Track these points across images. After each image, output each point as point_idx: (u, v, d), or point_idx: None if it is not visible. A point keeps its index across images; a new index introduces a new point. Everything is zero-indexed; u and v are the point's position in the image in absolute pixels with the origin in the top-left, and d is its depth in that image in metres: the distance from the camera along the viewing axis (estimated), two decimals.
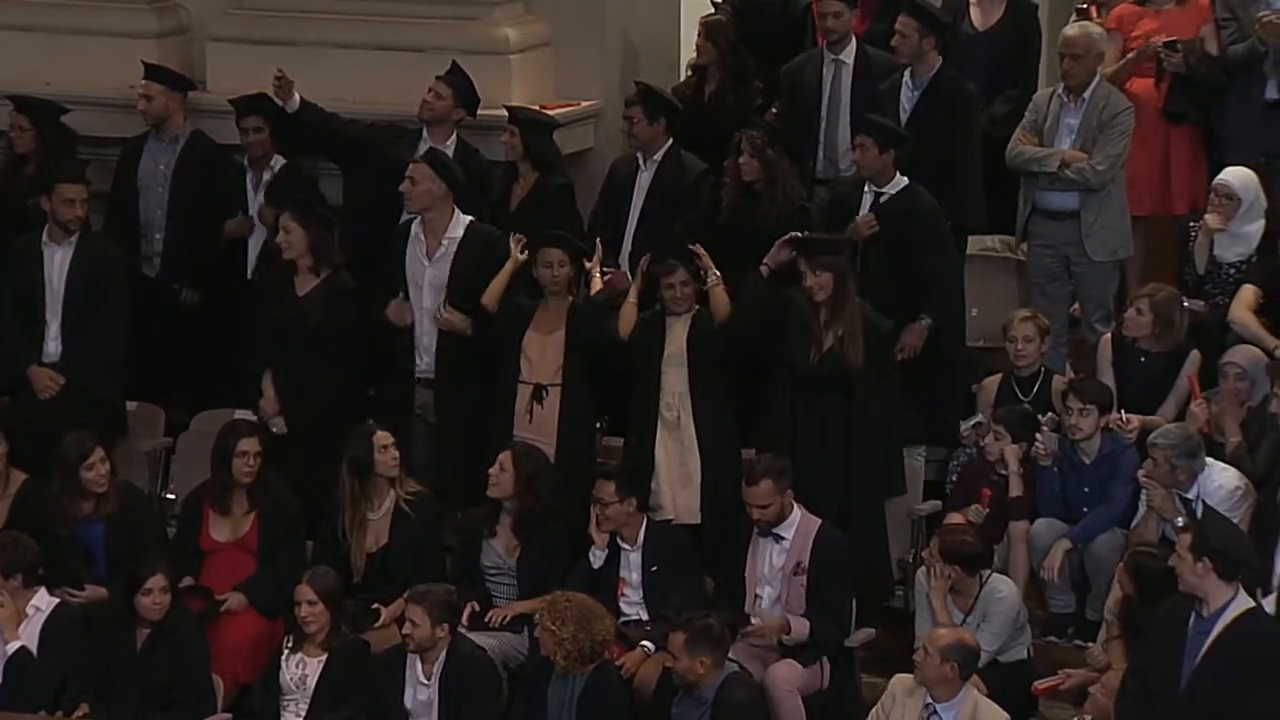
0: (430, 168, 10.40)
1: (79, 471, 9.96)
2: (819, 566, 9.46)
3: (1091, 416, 9.96)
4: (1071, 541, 9.87)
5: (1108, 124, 10.92)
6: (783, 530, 9.52)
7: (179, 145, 11.37)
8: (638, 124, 10.85)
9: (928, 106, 10.87)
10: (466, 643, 9.34)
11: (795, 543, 9.49)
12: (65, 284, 10.67)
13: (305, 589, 9.44)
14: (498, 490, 9.81)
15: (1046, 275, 11.10)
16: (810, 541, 9.48)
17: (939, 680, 8.79)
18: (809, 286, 9.86)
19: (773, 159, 10.54)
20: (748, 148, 10.53)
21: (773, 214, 10.50)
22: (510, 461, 9.79)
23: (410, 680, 9.26)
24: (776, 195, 10.53)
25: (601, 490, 9.65)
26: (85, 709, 9.40)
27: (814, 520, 9.55)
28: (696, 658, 8.92)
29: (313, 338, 10.45)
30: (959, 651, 8.81)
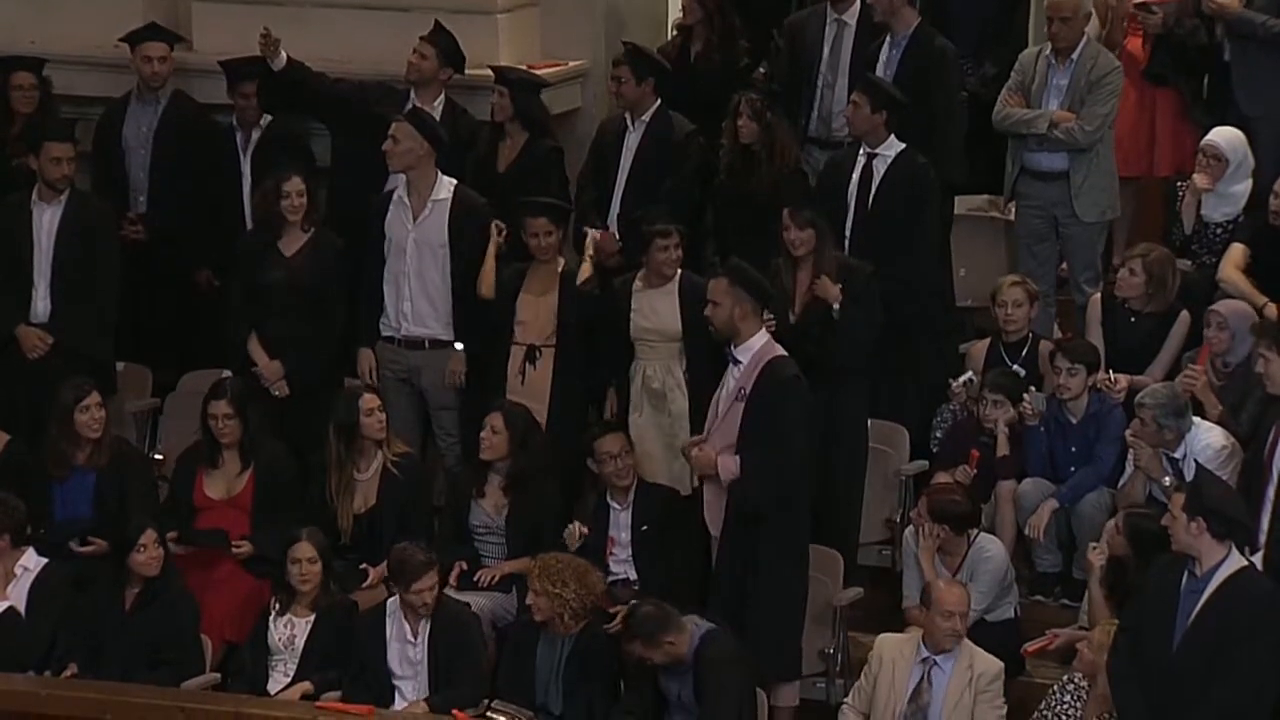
0: (413, 126, 10.37)
1: (74, 414, 9.93)
2: (759, 398, 9.22)
3: (1079, 376, 9.99)
4: (1059, 501, 9.90)
5: (1096, 84, 10.93)
6: (740, 353, 9.34)
7: (161, 106, 11.34)
8: (625, 84, 10.83)
9: (906, 64, 10.86)
10: (454, 602, 9.35)
11: (747, 368, 9.30)
12: (54, 243, 10.62)
13: (306, 546, 9.44)
14: (491, 452, 9.81)
15: (1034, 236, 11.11)
16: (757, 370, 9.26)
17: (952, 636, 8.85)
18: (790, 241, 9.84)
19: (771, 122, 10.55)
20: (746, 110, 10.53)
21: (770, 177, 10.49)
22: (501, 423, 9.79)
23: (397, 638, 9.26)
24: (774, 158, 10.53)
25: (612, 444, 9.60)
26: (74, 669, 9.40)
27: (774, 350, 9.33)
28: (663, 642, 8.93)
29: (303, 297, 10.43)
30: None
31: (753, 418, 9.21)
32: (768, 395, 9.22)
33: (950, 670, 8.86)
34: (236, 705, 9.09)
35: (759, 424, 9.20)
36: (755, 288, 9.34)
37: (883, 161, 10.45)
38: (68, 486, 10.01)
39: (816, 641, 9.64)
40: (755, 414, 9.21)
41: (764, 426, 9.21)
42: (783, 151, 10.60)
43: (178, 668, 9.39)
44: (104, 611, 9.49)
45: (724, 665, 8.93)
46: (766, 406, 9.21)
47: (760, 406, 9.22)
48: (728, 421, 9.28)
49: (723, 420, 9.31)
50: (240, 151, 11.20)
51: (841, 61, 11.08)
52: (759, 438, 9.22)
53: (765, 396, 9.22)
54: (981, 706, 8.82)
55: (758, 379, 9.24)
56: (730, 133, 10.63)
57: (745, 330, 9.31)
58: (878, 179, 10.42)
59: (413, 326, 10.45)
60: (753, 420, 9.21)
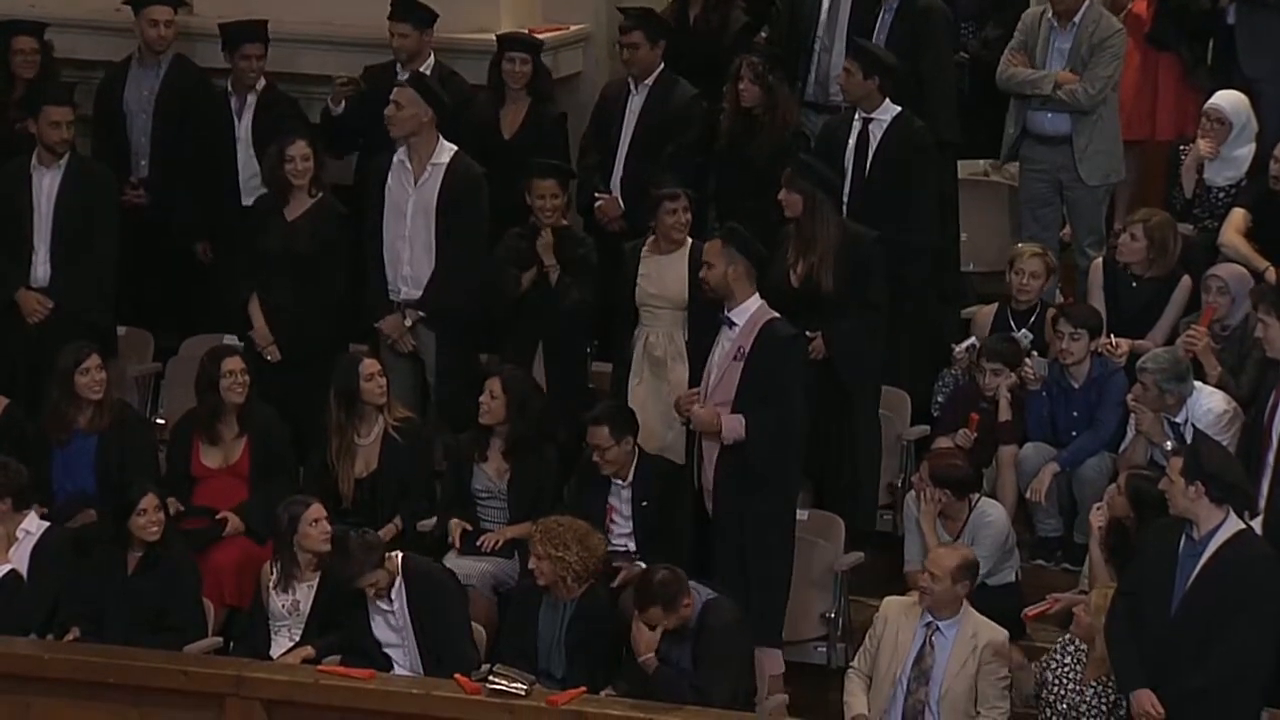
0: (415, 92, 10.35)
1: (74, 378, 9.93)
2: (758, 358, 9.20)
3: (1081, 341, 9.98)
4: (1060, 465, 9.91)
5: (1098, 47, 10.90)
6: (735, 315, 9.34)
7: (162, 70, 11.32)
8: (640, 49, 10.80)
9: (897, 28, 10.84)
10: (417, 559, 9.30)
11: (744, 329, 9.30)
12: (54, 208, 10.62)
13: (319, 508, 9.44)
14: (490, 417, 9.80)
15: (1038, 200, 11.09)
16: (755, 331, 9.26)
17: (950, 601, 8.85)
18: (780, 201, 9.82)
19: (774, 85, 10.52)
20: (749, 74, 10.51)
21: (770, 140, 10.47)
22: (499, 387, 9.79)
23: (374, 609, 9.24)
24: (776, 121, 10.51)
25: (596, 436, 9.59)
26: (76, 633, 9.41)
27: (769, 314, 9.32)
28: (680, 607, 8.92)
29: (302, 263, 10.42)
30: (967, 570, 8.90)
31: (751, 378, 9.20)
32: (767, 355, 9.21)
33: (953, 637, 8.86)
34: (238, 669, 9.12)
35: (758, 384, 9.19)
36: (749, 249, 9.32)
37: (879, 126, 10.43)
38: (69, 451, 10.01)
39: (818, 606, 9.65)
40: (754, 374, 9.21)
41: (764, 387, 9.19)
42: (784, 115, 10.58)
43: (180, 632, 9.40)
44: (106, 576, 9.49)
45: (725, 633, 8.93)
46: (766, 367, 9.20)
47: (759, 367, 9.21)
48: (725, 382, 9.28)
49: (720, 381, 9.30)
50: (235, 116, 11.18)
51: (839, 25, 11.04)
52: (759, 398, 9.20)
53: (765, 357, 9.21)
54: (985, 677, 8.82)
55: (756, 339, 9.24)
56: (731, 96, 10.60)
57: (740, 292, 9.30)
58: (874, 144, 10.40)
59: (412, 290, 10.45)
60: (751, 380, 9.20)
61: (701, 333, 9.80)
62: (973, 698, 8.83)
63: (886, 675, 8.91)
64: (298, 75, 11.45)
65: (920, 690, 8.84)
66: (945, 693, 8.81)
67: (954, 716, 8.82)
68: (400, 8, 10.91)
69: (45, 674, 9.18)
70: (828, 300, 9.77)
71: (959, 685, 8.83)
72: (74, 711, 9.15)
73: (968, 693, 8.82)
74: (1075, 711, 8.72)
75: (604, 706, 8.87)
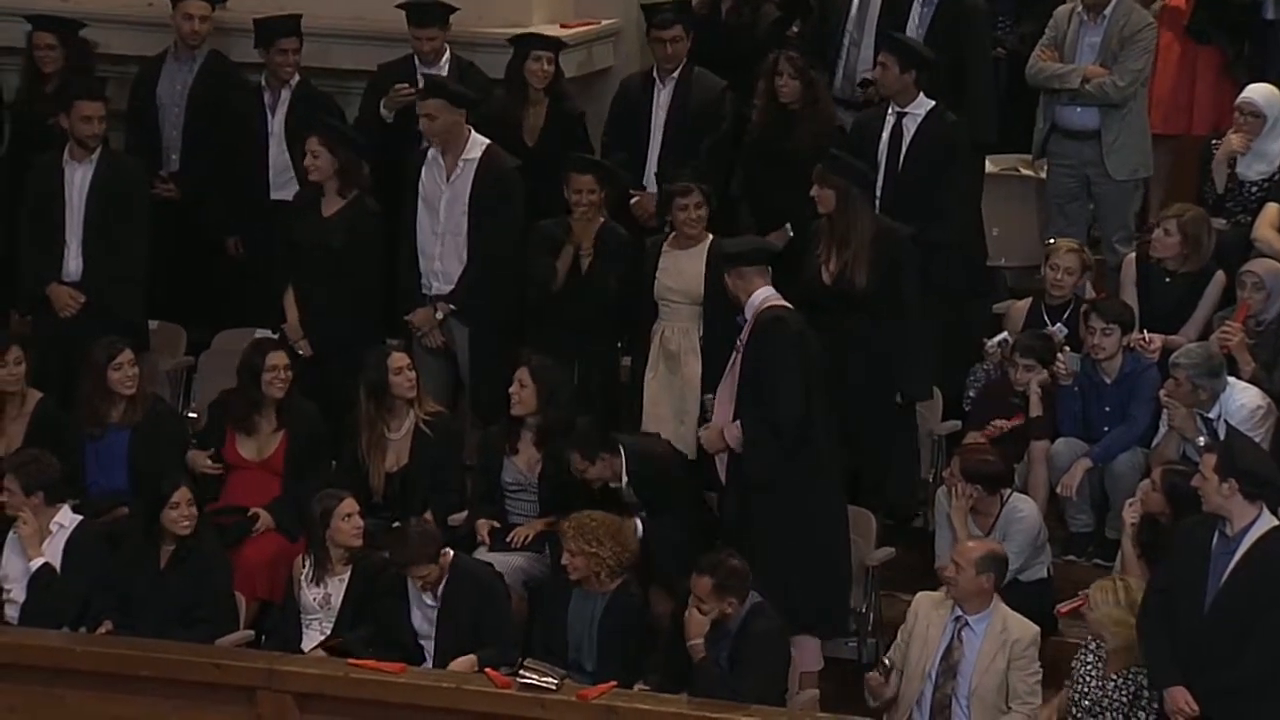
0: (444, 99, 10.34)
1: (107, 372, 9.96)
2: (752, 348, 9.19)
3: (1113, 336, 9.96)
4: (1092, 461, 9.89)
5: (1129, 40, 10.88)
6: (747, 310, 9.29)
7: (196, 65, 11.34)
8: (681, 43, 10.78)
9: (938, 22, 10.81)
10: (467, 559, 9.34)
11: (748, 323, 9.27)
12: (85, 202, 10.64)
13: (352, 502, 9.45)
14: (521, 408, 9.81)
15: (1066, 195, 11.08)
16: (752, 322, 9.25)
17: (975, 593, 8.83)
18: (813, 197, 9.82)
19: (814, 80, 10.51)
20: (788, 69, 10.49)
21: (809, 134, 10.45)
22: (529, 377, 9.79)
23: (415, 600, 9.27)
24: (817, 115, 10.49)
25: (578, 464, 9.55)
26: (109, 626, 9.45)
27: (771, 302, 9.28)
28: (725, 599, 8.91)
29: (335, 259, 10.44)
30: (992, 562, 8.87)
31: (749, 366, 9.21)
32: (759, 342, 9.23)
33: (982, 632, 8.85)
34: (270, 663, 9.13)
35: (756, 371, 9.20)
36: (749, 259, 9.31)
37: (912, 120, 10.41)
38: (102, 445, 10.04)
39: (849, 601, 9.63)
40: (751, 362, 9.21)
41: (758, 376, 9.20)
42: (825, 110, 10.57)
43: (211, 625, 9.42)
44: (138, 569, 9.52)
45: (767, 639, 8.92)
46: (760, 354, 9.22)
47: (754, 356, 9.23)
48: (731, 376, 9.30)
49: (728, 376, 9.33)
50: (269, 111, 11.20)
51: (869, 20, 11.03)
52: (753, 392, 9.19)
53: (757, 343, 9.23)
54: (1015, 673, 8.80)
55: (751, 329, 9.27)
56: (767, 91, 10.58)
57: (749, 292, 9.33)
58: (908, 138, 10.38)
59: (444, 285, 10.46)
60: (749, 368, 9.21)
61: (716, 329, 9.81)
62: (1003, 693, 8.81)
63: (916, 669, 8.90)
64: (332, 70, 11.45)
65: (948, 684, 8.83)
66: (975, 688, 8.79)
67: (984, 711, 8.81)
68: (426, 14, 10.89)
69: (78, 666, 9.21)
70: (861, 297, 9.76)
71: (989, 681, 8.81)
72: (106, 704, 9.17)
73: (998, 688, 8.81)
74: (1099, 706, 8.71)
75: (635, 701, 8.87)
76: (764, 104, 10.63)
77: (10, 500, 9.60)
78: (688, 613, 8.90)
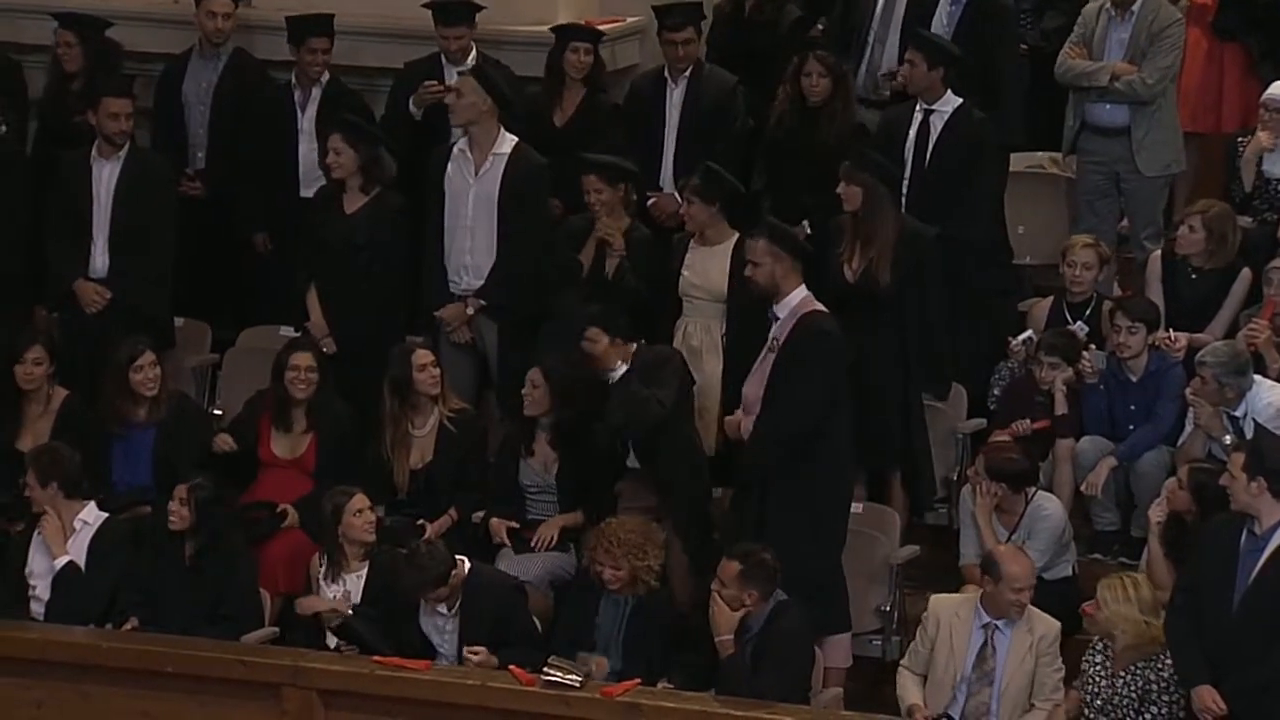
0: (476, 81, 10.37)
1: (128, 374, 9.99)
2: (790, 350, 9.16)
3: (1139, 334, 9.94)
4: (1117, 459, 9.86)
5: (1157, 37, 10.85)
6: (780, 309, 9.29)
7: (221, 63, 11.36)
8: (693, 45, 10.79)
9: (965, 20, 10.79)
10: (483, 571, 9.27)
11: (784, 321, 9.26)
12: (112, 199, 10.67)
13: (362, 498, 9.46)
14: (534, 408, 9.79)
15: (1095, 192, 11.04)
16: (793, 322, 9.22)
17: (1018, 608, 8.82)
18: (839, 195, 9.80)
19: (844, 77, 10.50)
20: (818, 67, 10.47)
21: (834, 132, 10.43)
22: (540, 377, 9.78)
23: (424, 608, 9.23)
24: (846, 113, 10.47)
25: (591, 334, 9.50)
26: (134, 622, 9.47)
27: (811, 306, 9.26)
28: (746, 589, 8.89)
29: (359, 256, 10.46)
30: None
31: (782, 369, 9.18)
32: (799, 347, 9.19)
33: (1011, 635, 8.83)
34: (295, 659, 9.15)
35: (786, 375, 9.17)
36: (793, 245, 9.31)
37: (939, 118, 10.40)
38: (128, 442, 10.06)
39: (873, 599, 9.63)
40: (784, 365, 9.19)
41: (790, 378, 9.17)
42: (849, 107, 10.56)
43: (238, 622, 9.43)
44: (164, 566, 9.53)
45: (791, 638, 8.90)
46: (795, 359, 9.19)
47: (790, 358, 9.19)
48: (760, 371, 9.27)
49: (756, 370, 9.30)
50: (299, 109, 11.22)
51: (894, 18, 11.02)
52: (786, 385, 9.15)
53: (796, 349, 9.20)
54: (1042, 669, 8.79)
55: (791, 331, 9.23)
56: (792, 89, 10.57)
57: (786, 287, 9.27)
58: (935, 135, 10.36)
59: (473, 280, 10.46)
60: (782, 371, 9.18)
61: (739, 327, 9.79)
62: (1029, 690, 8.80)
63: (945, 677, 8.87)
64: (360, 68, 11.47)
65: (983, 691, 8.82)
66: (1005, 688, 8.78)
67: (1012, 710, 8.80)
68: (453, 13, 10.90)
69: (103, 663, 9.23)
70: (884, 295, 9.74)
71: (1018, 680, 8.81)
72: (132, 700, 9.20)
73: (1026, 687, 8.80)
74: (1110, 705, 8.70)
75: (659, 698, 8.87)
76: (788, 101, 10.61)
77: (30, 494, 9.63)
78: (711, 604, 8.89)
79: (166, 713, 9.17)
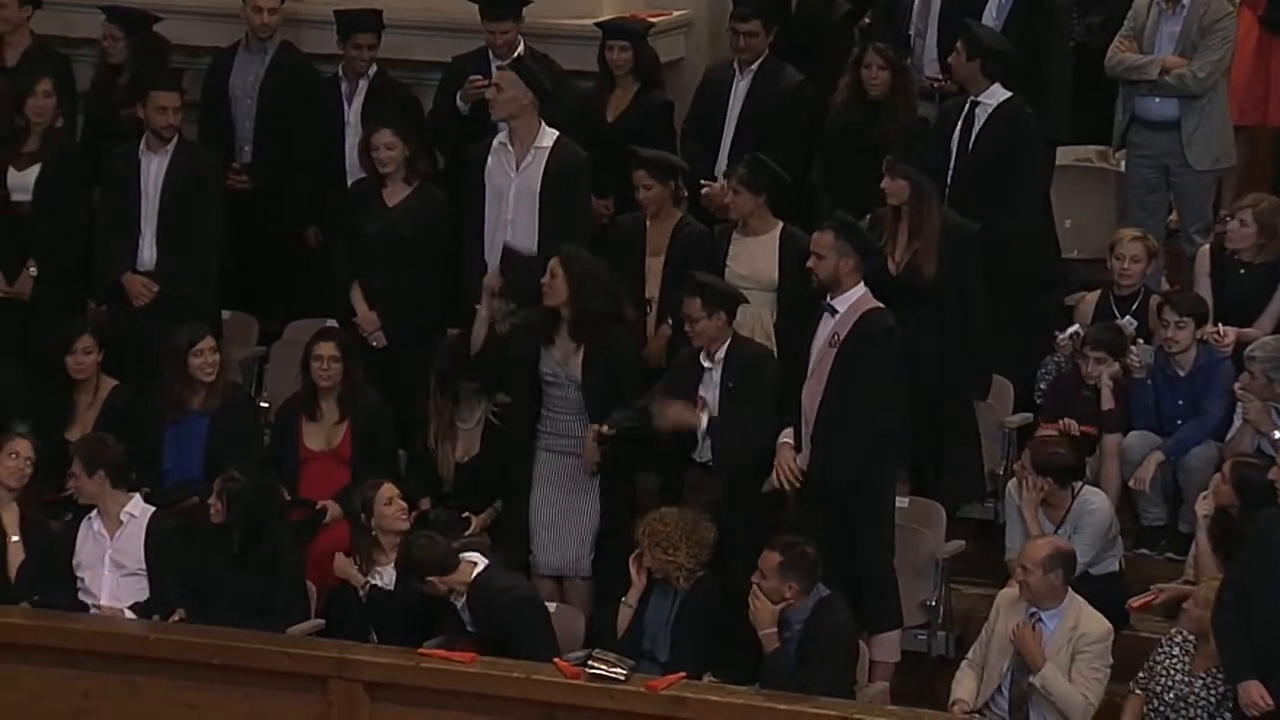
0: (517, 74, 10.37)
1: (188, 358, 10.02)
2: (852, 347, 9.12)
3: (1187, 329, 9.90)
4: (1165, 454, 9.82)
5: (1208, 30, 10.80)
6: (838, 303, 9.27)
7: (268, 56, 11.40)
8: (758, 37, 10.78)
9: (1015, 14, 10.75)
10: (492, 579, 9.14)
11: (844, 316, 9.24)
12: (160, 192, 10.70)
13: (390, 487, 9.48)
14: (553, 298, 9.68)
15: (1145, 186, 10.99)
16: (855, 319, 9.19)
17: (1047, 592, 8.80)
18: (884, 189, 9.78)
19: (904, 69, 10.48)
20: (877, 60, 10.45)
21: (895, 125, 10.41)
22: (560, 266, 9.70)
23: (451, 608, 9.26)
24: (904, 105, 10.45)
25: (688, 306, 9.47)
26: (181, 614, 9.51)
27: (871, 303, 9.25)
28: (786, 581, 8.89)
29: (403, 248, 10.47)
30: (1059, 559, 8.83)
31: (844, 366, 9.17)
32: (862, 345, 9.17)
33: (1055, 627, 8.81)
34: (340, 651, 9.17)
35: (850, 373, 9.15)
36: (860, 240, 9.29)
37: (984, 110, 10.37)
38: (181, 430, 10.08)
39: (918, 594, 9.61)
40: (846, 362, 9.17)
41: (854, 377, 9.15)
42: (910, 100, 10.54)
43: (284, 614, 9.46)
44: (211, 558, 9.56)
45: (836, 631, 8.89)
46: (859, 356, 9.17)
47: (853, 355, 9.17)
48: (820, 370, 9.24)
49: (816, 368, 9.27)
50: (345, 102, 11.24)
51: (933, 11, 10.98)
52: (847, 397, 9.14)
53: (859, 346, 9.17)
54: (1080, 665, 8.75)
55: (854, 328, 9.20)
56: (852, 82, 10.55)
57: (847, 283, 9.26)
58: (977, 127, 10.34)
59: None
60: (844, 369, 9.16)
61: (792, 317, 9.77)
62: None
63: (995, 666, 8.87)
64: (408, 62, 11.48)
65: (1024, 679, 8.79)
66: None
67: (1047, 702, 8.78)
68: (499, 7, 10.90)
69: (151, 654, 9.27)
70: (928, 288, 9.72)
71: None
72: (179, 691, 9.24)
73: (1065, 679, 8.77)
74: (1183, 702, 8.66)
75: (703, 692, 8.87)
76: (848, 94, 10.59)
77: (76, 483, 9.66)
78: (751, 598, 8.89)
79: (212, 704, 9.20)
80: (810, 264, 9.30)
